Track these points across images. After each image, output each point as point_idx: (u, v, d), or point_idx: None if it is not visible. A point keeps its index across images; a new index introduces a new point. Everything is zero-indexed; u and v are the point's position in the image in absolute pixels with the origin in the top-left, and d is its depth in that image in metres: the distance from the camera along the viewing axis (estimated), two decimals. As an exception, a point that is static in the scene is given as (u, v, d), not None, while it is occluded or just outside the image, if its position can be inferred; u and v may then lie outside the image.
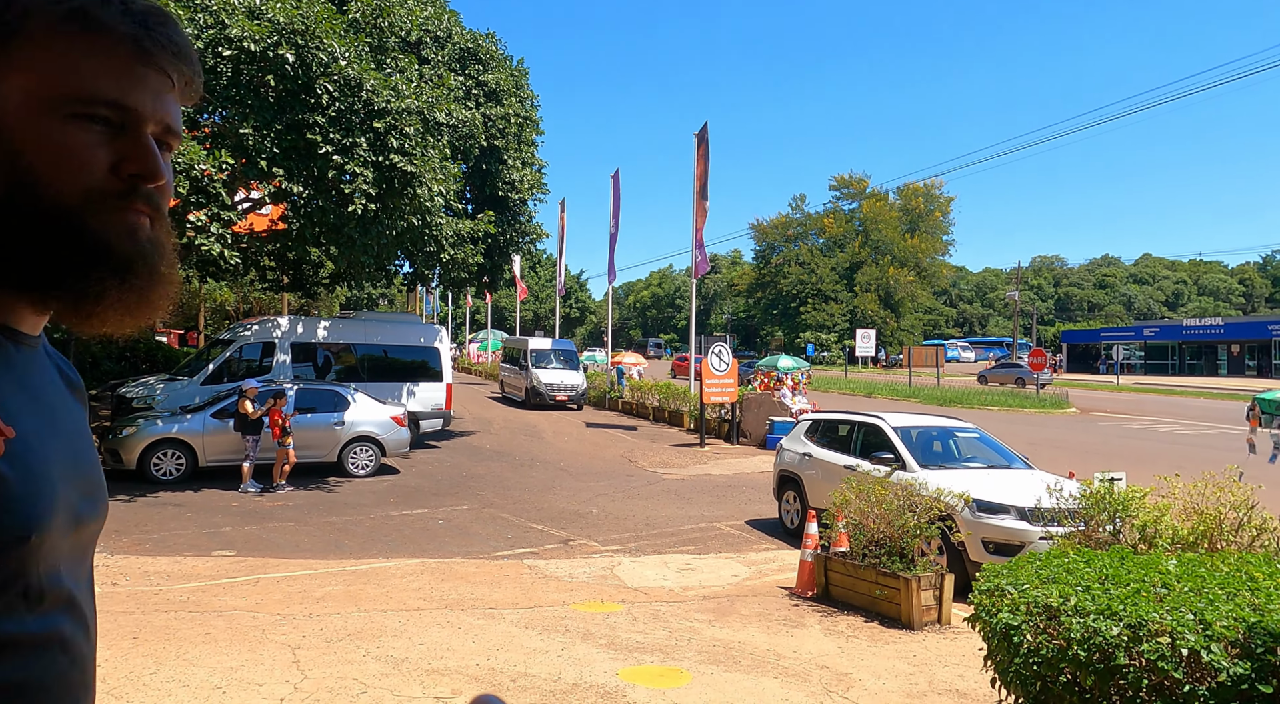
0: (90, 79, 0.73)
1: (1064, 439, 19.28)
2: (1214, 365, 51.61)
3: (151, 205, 0.77)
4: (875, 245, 68.63)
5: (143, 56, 0.75)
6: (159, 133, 0.77)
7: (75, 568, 0.78)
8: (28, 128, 0.71)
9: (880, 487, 6.66)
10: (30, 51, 0.72)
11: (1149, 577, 3.36)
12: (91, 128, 0.73)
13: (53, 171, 0.72)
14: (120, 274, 0.75)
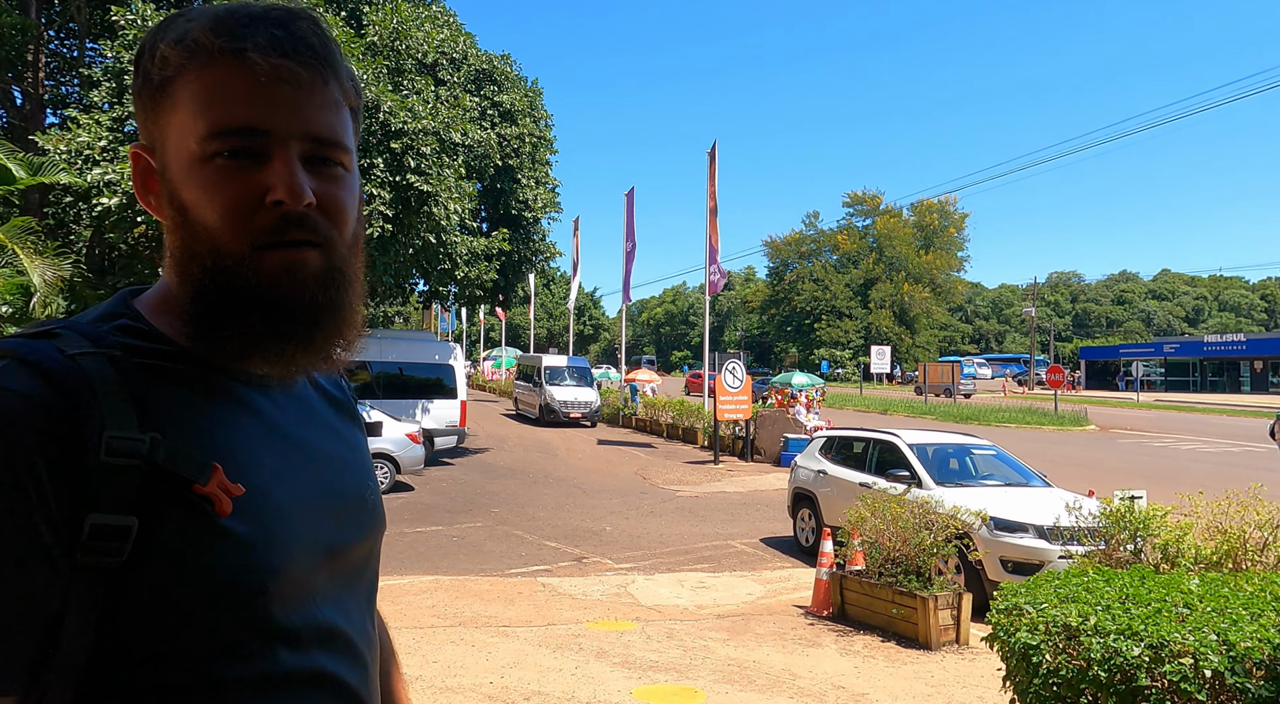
0: (221, 110, 0.69)
1: (1083, 457, 19.04)
2: (1236, 382, 50.88)
3: (310, 229, 0.71)
4: (889, 262, 68.46)
5: (268, 70, 0.69)
6: (309, 148, 0.72)
7: (338, 595, 0.78)
8: (184, 173, 0.71)
9: (896, 504, 6.60)
10: (179, 93, 0.71)
11: (1171, 596, 3.31)
12: (234, 162, 0.69)
13: (209, 216, 0.70)
14: (271, 321, 0.71)
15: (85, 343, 0.69)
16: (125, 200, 9.77)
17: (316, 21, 0.74)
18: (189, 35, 0.70)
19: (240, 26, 0.69)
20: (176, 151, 0.71)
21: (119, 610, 0.64)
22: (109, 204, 9.75)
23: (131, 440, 0.64)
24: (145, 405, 0.67)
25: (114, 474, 0.63)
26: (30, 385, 0.63)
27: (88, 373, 0.66)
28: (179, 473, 0.66)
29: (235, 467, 0.69)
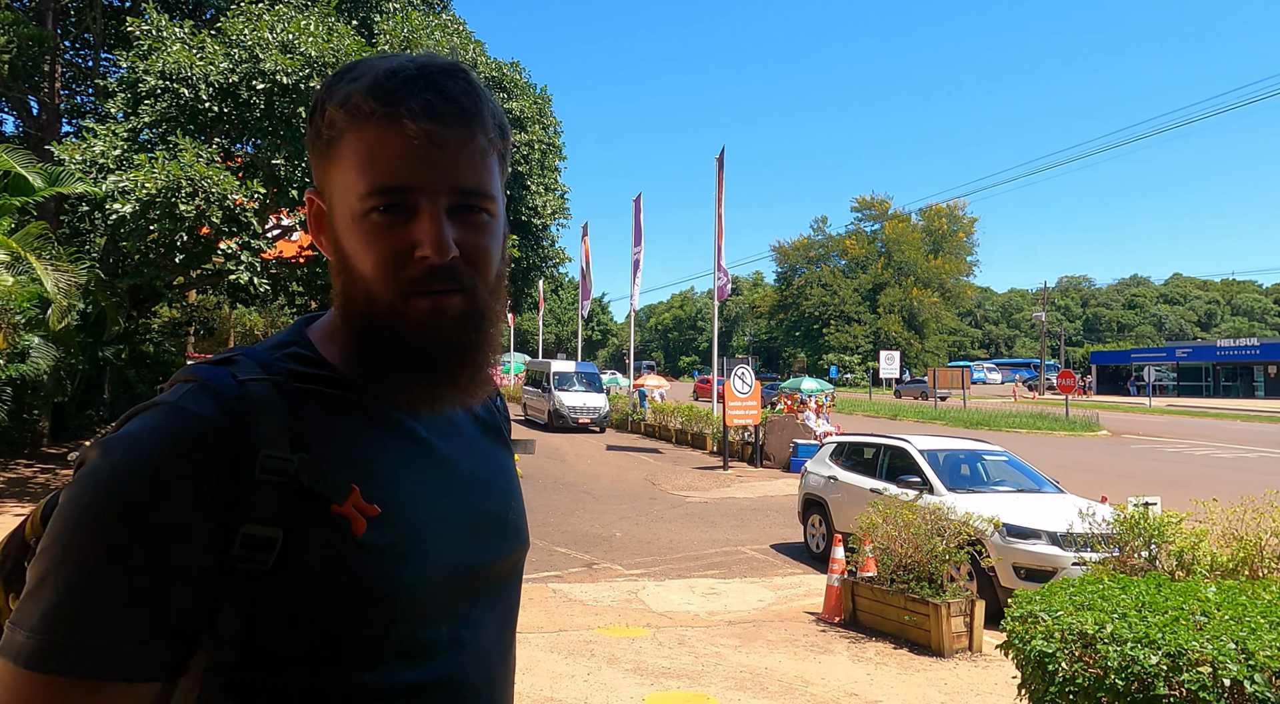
0: (377, 171, 0.75)
1: (1095, 462, 18.91)
2: (1250, 387, 50.41)
3: (453, 279, 0.77)
4: (898, 266, 68.25)
5: (419, 133, 0.75)
6: (456, 200, 0.77)
7: (476, 613, 0.83)
8: (346, 225, 0.78)
9: (908, 510, 6.58)
10: (344, 150, 0.77)
11: (1188, 604, 3.29)
12: (387, 218, 0.76)
13: (365, 266, 0.77)
14: (418, 363, 0.77)
15: (257, 369, 0.77)
16: (138, 208, 9.86)
17: (468, 77, 0.79)
18: (351, 99, 0.76)
19: (395, 90, 0.75)
20: (340, 204, 0.79)
21: (261, 615, 0.70)
22: (123, 212, 9.84)
23: (282, 460, 0.71)
24: (300, 427, 0.74)
25: (266, 489, 0.71)
26: (208, 408, 0.72)
27: (253, 397, 0.73)
28: (318, 492, 0.72)
29: (376, 487, 0.75)
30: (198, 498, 0.68)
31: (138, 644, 0.66)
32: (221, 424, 0.71)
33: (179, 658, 0.68)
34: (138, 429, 0.71)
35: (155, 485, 0.67)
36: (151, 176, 9.77)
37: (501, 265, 0.83)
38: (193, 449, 0.69)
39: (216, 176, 10.07)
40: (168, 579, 0.67)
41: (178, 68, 10.54)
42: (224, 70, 10.61)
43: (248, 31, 10.86)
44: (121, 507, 0.66)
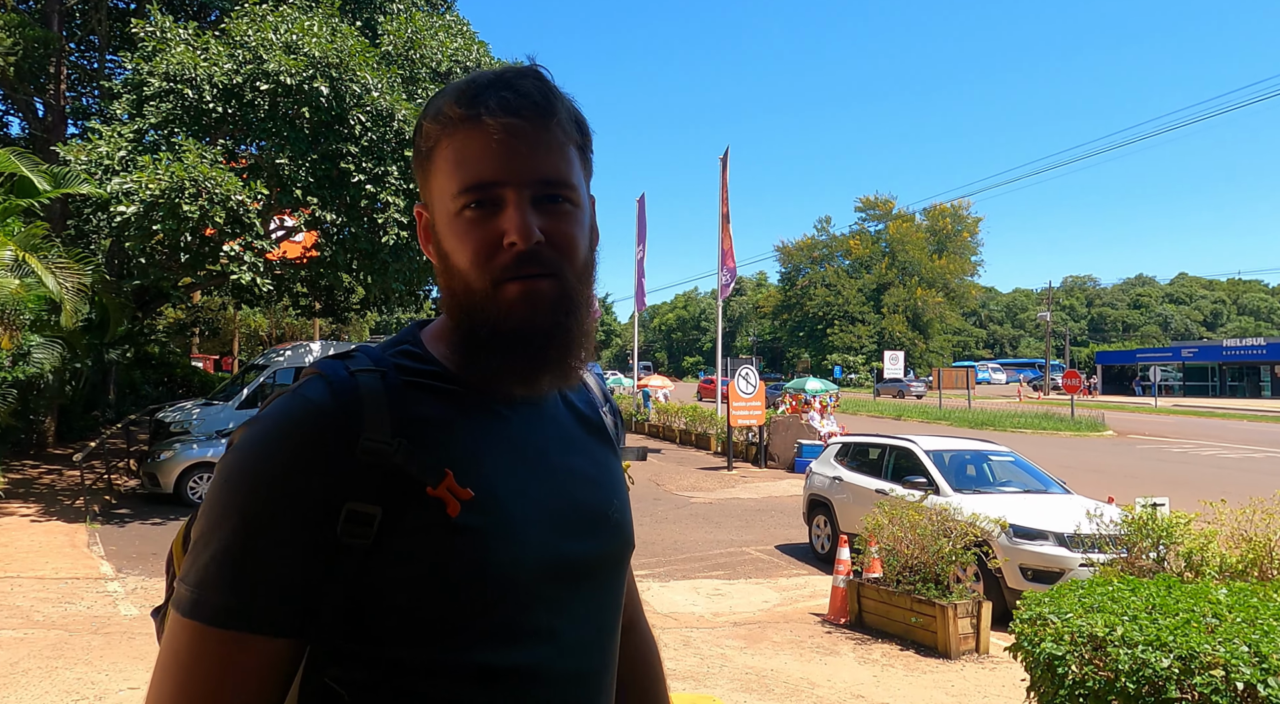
0: (465, 170, 0.81)
1: (1101, 463, 18.84)
2: (1257, 387, 50.20)
3: (540, 263, 0.81)
4: (902, 266, 68.16)
5: (499, 129, 0.80)
6: (539, 190, 0.82)
7: (568, 603, 0.84)
8: (445, 226, 0.84)
9: (914, 511, 6.54)
10: (438, 159, 0.84)
11: (1199, 606, 3.26)
12: (478, 213, 0.82)
13: (461, 260, 0.83)
14: (511, 345, 0.81)
15: (368, 362, 0.84)
16: (142, 209, 9.86)
17: (540, 76, 0.86)
18: (441, 110, 0.83)
19: (476, 94, 0.82)
20: (439, 209, 0.85)
21: (361, 588, 0.76)
22: (127, 213, 9.84)
23: (382, 444, 0.77)
24: (402, 415, 0.80)
25: (368, 470, 0.76)
26: (321, 395, 0.79)
27: (361, 387, 0.80)
28: (414, 475, 0.77)
29: (471, 473, 0.80)
30: (309, 472, 0.75)
31: (269, 601, 0.73)
32: (331, 409, 0.78)
33: (304, 620, 0.75)
34: (267, 413, 0.80)
35: (275, 461, 0.76)
36: (155, 178, 9.77)
37: (589, 253, 0.88)
38: (307, 429, 0.77)
39: (220, 177, 10.08)
40: (288, 544, 0.74)
41: (182, 69, 10.54)
42: (228, 71, 10.62)
43: (252, 33, 10.87)
44: (248, 478, 0.76)
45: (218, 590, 0.73)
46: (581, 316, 0.85)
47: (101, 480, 12.60)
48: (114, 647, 5.78)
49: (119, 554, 8.80)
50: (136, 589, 7.48)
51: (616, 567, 0.93)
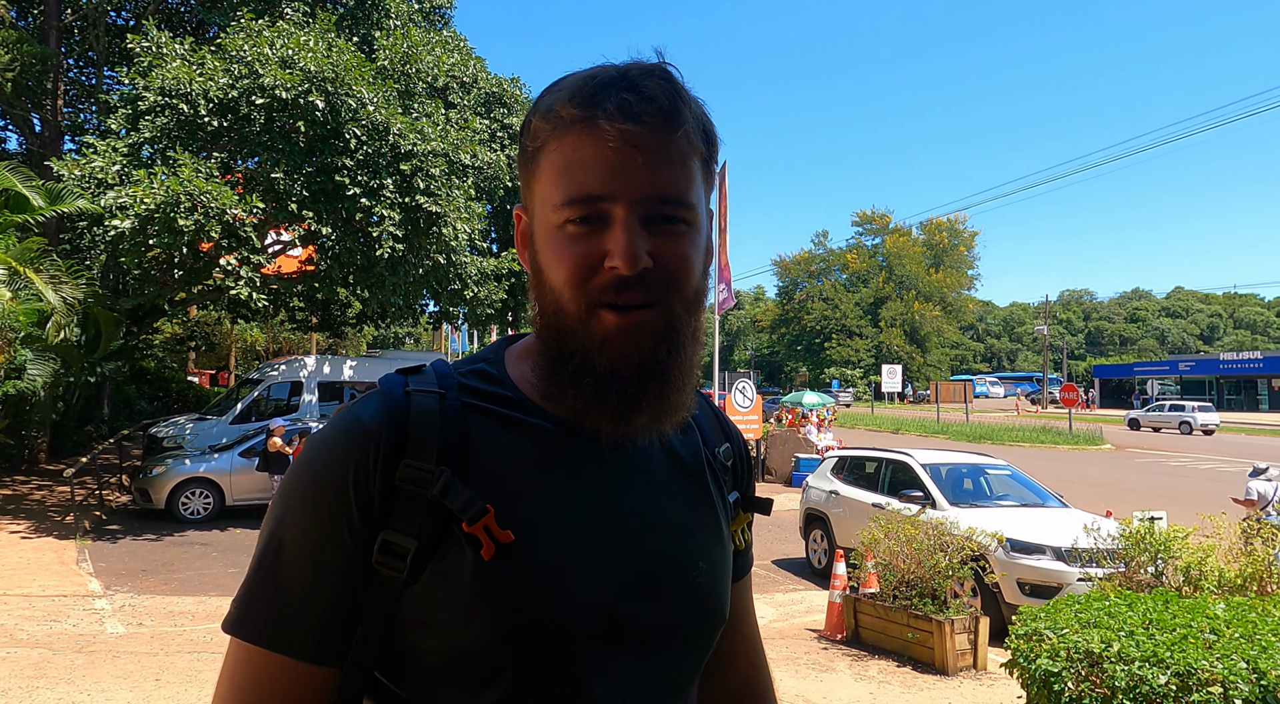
0: (571, 179, 0.73)
1: (1099, 476, 18.78)
2: (1254, 400, 50.22)
3: (644, 291, 0.72)
4: (899, 280, 68.30)
5: (615, 135, 0.71)
6: (652, 208, 0.72)
7: (621, 670, 0.75)
8: (544, 238, 0.76)
9: (910, 525, 6.49)
10: (543, 162, 0.76)
11: (1196, 622, 3.21)
12: (581, 228, 0.73)
13: (557, 278, 0.74)
14: (600, 379, 0.73)
15: (431, 380, 0.78)
16: (137, 224, 9.85)
17: (669, 77, 0.75)
18: (553, 108, 0.74)
19: (594, 93, 0.72)
20: (540, 217, 0.77)
21: (395, 622, 0.72)
22: (122, 228, 9.83)
23: (423, 471, 0.72)
24: (454, 441, 0.74)
25: (406, 498, 0.72)
26: (371, 415, 0.75)
27: (412, 407, 0.75)
28: (451, 509, 0.71)
29: (518, 513, 0.73)
30: (346, 497, 0.71)
31: (303, 624, 0.71)
32: (375, 431, 0.73)
33: (339, 648, 0.72)
34: (322, 430, 0.77)
35: (315, 482, 0.73)
36: (150, 192, 9.76)
37: (702, 281, 0.78)
38: (348, 451, 0.73)
39: (215, 191, 10.07)
40: (323, 570, 0.71)
41: (178, 84, 10.56)
42: (224, 86, 10.64)
43: (248, 48, 10.90)
44: (291, 498, 0.74)
45: (257, 609, 0.73)
46: (686, 353, 0.76)
47: (93, 496, 12.50)
48: (97, 666, 5.69)
49: (108, 571, 8.71)
50: (124, 606, 7.39)
51: (690, 637, 0.81)
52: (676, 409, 0.77)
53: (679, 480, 0.84)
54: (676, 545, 0.80)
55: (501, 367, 0.82)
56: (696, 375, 0.78)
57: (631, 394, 0.73)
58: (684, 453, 0.86)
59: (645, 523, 0.78)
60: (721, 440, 0.93)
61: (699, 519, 0.84)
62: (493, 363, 0.83)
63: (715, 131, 0.79)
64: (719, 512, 0.87)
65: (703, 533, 0.83)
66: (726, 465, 0.91)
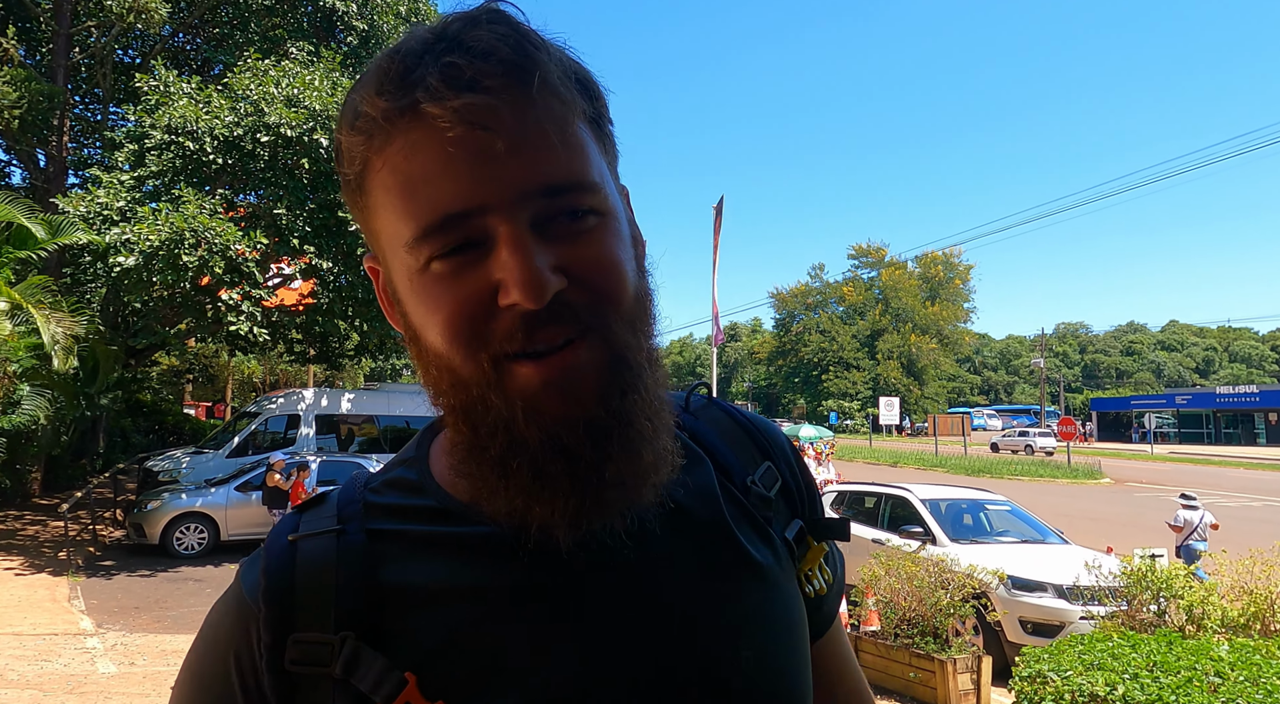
0: (417, 202, 0.51)
1: (1099, 511, 18.70)
2: (1252, 434, 50.20)
3: (568, 321, 0.52)
4: (896, 313, 68.67)
5: (452, 120, 0.49)
6: (542, 206, 0.52)
7: None
8: (406, 289, 0.55)
9: (911, 562, 6.46)
10: (372, 190, 0.55)
11: (1200, 664, 3.20)
12: (453, 261, 0.52)
13: (436, 338, 0.54)
14: (537, 461, 0.52)
15: (329, 513, 0.60)
16: (141, 260, 9.93)
17: (504, 18, 0.52)
18: (359, 109, 0.53)
19: (407, 71, 0.51)
20: (393, 264, 0.56)
21: None
22: (126, 264, 9.91)
23: (316, 645, 0.54)
24: (359, 592, 0.55)
25: (306, 686, 0.54)
26: (251, 583, 0.58)
27: (298, 561, 0.57)
28: (358, 687, 0.53)
29: (451, 671, 0.54)
30: (234, 696, 0.56)
31: None
32: (250, 606, 0.57)
33: None
34: (216, 605, 0.61)
35: (200, 679, 0.58)
36: (155, 228, 9.86)
37: (639, 278, 0.57)
38: (229, 636, 0.57)
39: (219, 228, 10.18)
40: None
41: (183, 122, 10.74)
42: (229, 123, 10.82)
43: (254, 86, 11.11)
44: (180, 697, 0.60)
45: None
46: (647, 387, 0.55)
47: (86, 531, 12.38)
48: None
49: (100, 609, 8.60)
50: (116, 645, 7.28)
51: None
52: (656, 467, 0.55)
53: (689, 547, 0.60)
54: (704, 640, 0.58)
55: (424, 467, 0.62)
56: (669, 413, 0.58)
57: (587, 468, 0.52)
58: (689, 502, 0.61)
59: (644, 636, 0.56)
60: (757, 462, 0.69)
61: (732, 589, 0.60)
62: (412, 464, 0.63)
63: (594, 78, 0.57)
64: (766, 561, 0.63)
65: (742, 606, 0.60)
66: (769, 497, 0.67)
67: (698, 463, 0.64)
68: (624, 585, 0.57)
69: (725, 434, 0.70)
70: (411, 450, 0.65)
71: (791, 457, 0.73)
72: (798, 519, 0.69)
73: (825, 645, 0.73)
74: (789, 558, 0.66)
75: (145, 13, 12.99)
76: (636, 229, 0.61)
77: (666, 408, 0.57)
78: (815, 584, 0.69)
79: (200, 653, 0.59)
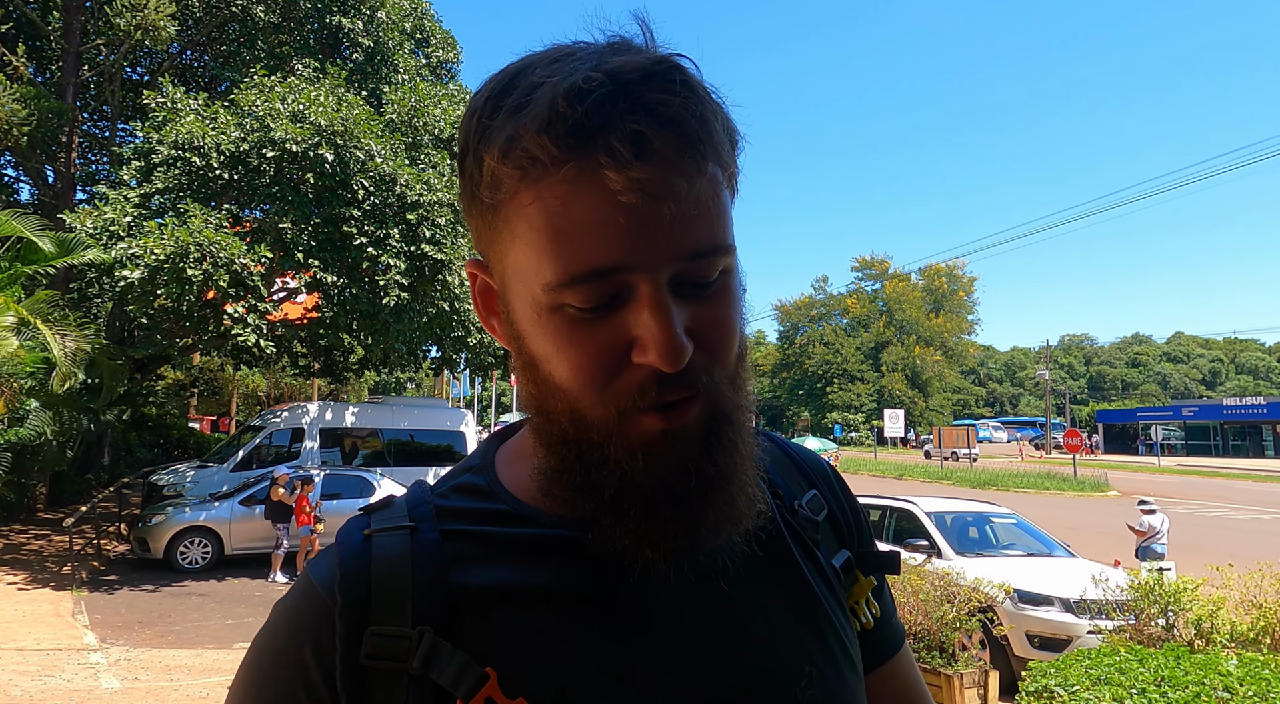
0: (570, 251, 0.52)
1: (1105, 524, 18.57)
2: (1259, 446, 49.90)
3: (689, 384, 0.54)
4: (900, 325, 68.63)
5: (627, 185, 0.50)
6: (684, 271, 0.53)
7: None
8: (531, 321, 0.56)
9: (916, 576, 6.42)
10: (516, 221, 0.55)
11: (1209, 679, 3.17)
12: (590, 312, 0.53)
13: (563, 375, 0.55)
14: (649, 503, 0.55)
15: (400, 512, 0.62)
16: (147, 274, 9.99)
17: (685, 78, 0.52)
18: (519, 144, 0.51)
19: (587, 121, 0.50)
20: (519, 291, 0.57)
21: None
22: (132, 278, 9.97)
23: (394, 638, 0.55)
24: (434, 589, 0.57)
25: (380, 680, 0.55)
26: (324, 577, 0.59)
27: (373, 557, 0.58)
28: (439, 684, 0.54)
29: (530, 671, 0.55)
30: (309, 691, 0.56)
31: None
32: (327, 599, 0.57)
33: None
34: (282, 600, 0.61)
35: (265, 680, 0.58)
36: (160, 243, 9.93)
37: (744, 339, 0.59)
38: (302, 630, 0.57)
39: (225, 242, 10.24)
40: None
41: (190, 137, 10.84)
42: (235, 139, 10.91)
43: (260, 102, 11.21)
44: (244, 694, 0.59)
45: None
46: (747, 441, 0.58)
47: (91, 546, 12.39)
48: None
49: (104, 623, 8.59)
50: (120, 660, 7.27)
51: None
52: (746, 515, 0.59)
53: (748, 568, 0.62)
54: (768, 661, 0.60)
55: (492, 474, 0.64)
56: (757, 459, 0.61)
57: (693, 515, 0.55)
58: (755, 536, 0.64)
59: (712, 648, 0.59)
60: (803, 489, 0.72)
61: (793, 612, 0.63)
62: (480, 472, 0.65)
63: (737, 131, 0.57)
64: (817, 588, 0.65)
65: (802, 629, 0.63)
66: (816, 521, 0.69)
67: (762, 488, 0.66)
68: (695, 593, 0.60)
69: (776, 463, 0.73)
70: (478, 459, 0.67)
71: (838, 488, 0.76)
72: (845, 550, 0.72)
73: (885, 675, 0.74)
74: (839, 584, 0.69)
75: (153, 30, 13.14)
76: (743, 289, 0.61)
77: (755, 459, 0.60)
78: (862, 617, 0.71)
79: (267, 647, 0.59)
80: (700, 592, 0.60)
